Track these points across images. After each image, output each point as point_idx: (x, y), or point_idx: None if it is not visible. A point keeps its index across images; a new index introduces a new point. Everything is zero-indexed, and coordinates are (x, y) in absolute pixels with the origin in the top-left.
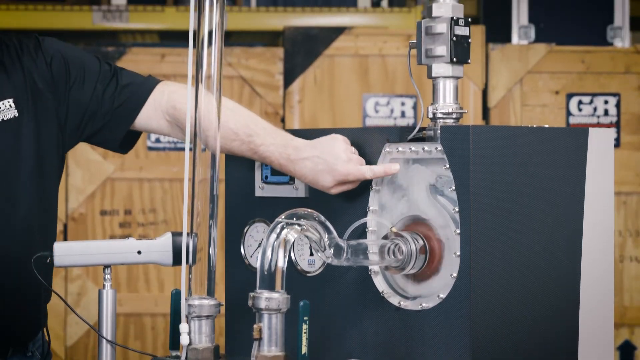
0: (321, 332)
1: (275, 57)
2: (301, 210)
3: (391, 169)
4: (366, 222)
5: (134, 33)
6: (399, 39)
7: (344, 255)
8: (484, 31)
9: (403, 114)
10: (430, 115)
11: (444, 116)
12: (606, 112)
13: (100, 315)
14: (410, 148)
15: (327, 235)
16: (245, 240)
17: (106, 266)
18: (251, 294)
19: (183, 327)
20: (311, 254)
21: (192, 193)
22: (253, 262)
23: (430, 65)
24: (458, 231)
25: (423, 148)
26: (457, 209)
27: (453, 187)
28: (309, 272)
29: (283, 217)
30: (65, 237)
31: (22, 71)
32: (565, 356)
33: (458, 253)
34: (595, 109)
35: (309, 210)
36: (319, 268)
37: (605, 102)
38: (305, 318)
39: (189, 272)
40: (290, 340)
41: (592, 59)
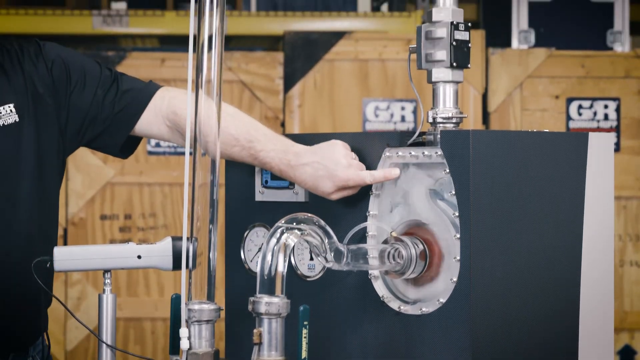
0: (321, 337)
1: (275, 61)
2: (301, 215)
3: (391, 174)
4: (366, 226)
5: (134, 37)
6: (398, 44)
7: (344, 259)
8: (484, 36)
9: (403, 119)
10: (430, 119)
11: (444, 121)
12: (606, 117)
13: (100, 319)
14: (410, 153)
15: (327, 240)
16: (245, 245)
17: (106, 271)
18: (251, 299)
19: (183, 331)
20: (311, 259)
21: (192, 197)
22: (253, 266)
23: (430, 69)
24: (458, 236)
25: (423, 152)
26: (457, 214)
27: (453, 192)
28: (309, 277)
29: (283, 221)
30: (66, 241)
31: (23, 76)
32: None
33: (458, 257)
34: (595, 113)
35: (309, 215)
36: (319, 273)
37: (605, 107)
38: (306, 323)
39: (189, 276)
40: (290, 345)
41: (592, 64)
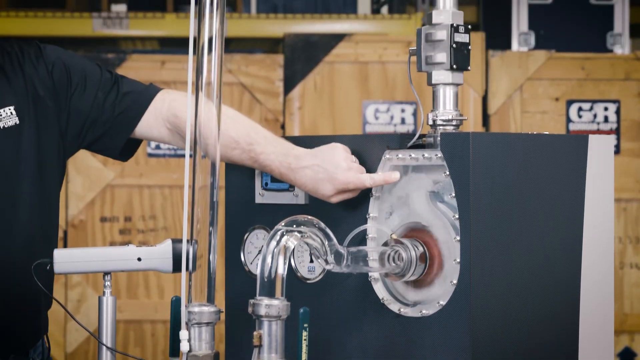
0: (321, 339)
1: (275, 63)
2: (301, 217)
3: (391, 177)
4: (366, 229)
5: (134, 40)
6: (399, 46)
7: (344, 262)
8: (484, 38)
9: (403, 121)
10: (430, 122)
11: (444, 123)
12: (606, 119)
13: (100, 322)
14: (410, 155)
15: (327, 242)
16: (245, 247)
17: (106, 273)
18: (251, 301)
19: (183, 334)
20: (311, 261)
21: (192, 200)
22: (253, 269)
23: (430, 72)
24: (458, 238)
25: (423, 155)
26: (457, 216)
27: (453, 194)
28: (309, 279)
29: (283, 224)
30: (66, 243)
31: (23, 78)
32: None
33: (458, 260)
34: (595, 115)
35: (309, 217)
36: (319, 275)
37: (605, 109)
38: (306, 325)
39: (189, 279)
40: (290, 348)
41: (592, 66)
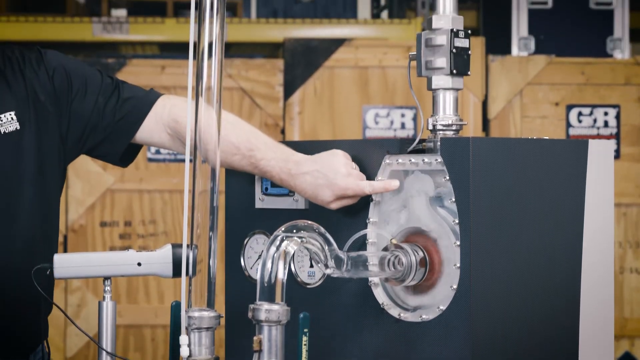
0: (321, 344)
1: (275, 68)
2: (301, 222)
3: (391, 185)
4: (366, 233)
5: (134, 44)
6: (398, 51)
7: (344, 267)
8: (483, 43)
9: (403, 126)
10: (430, 127)
11: (444, 128)
12: (606, 124)
13: (100, 326)
14: (410, 160)
15: (327, 247)
16: (245, 252)
17: (106, 278)
18: (251, 306)
19: (183, 339)
20: (311, 266)
21: (192, 205)
22: (253, 273)
23: (430, 77)
24: (458, 243)
25: (423, 160)
26: (457, 221)
27: (453, 199)
28: (309, 284)
29: (283, 229)
30: (65, 248)
31: (24, 83)
32: None
33: (458, 265)
34: (595, 120)
35: (309, 222)
36: (319, 280)
37: (605, 114)
38: (306, 330)
39: (189, 283)
40: (290, 353)
41: (592, 71)
